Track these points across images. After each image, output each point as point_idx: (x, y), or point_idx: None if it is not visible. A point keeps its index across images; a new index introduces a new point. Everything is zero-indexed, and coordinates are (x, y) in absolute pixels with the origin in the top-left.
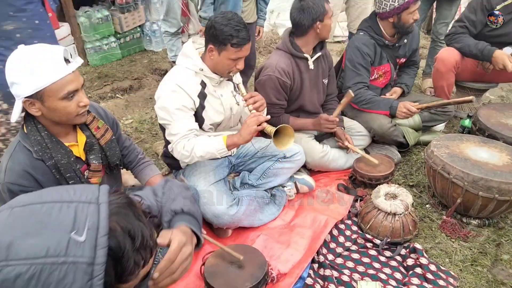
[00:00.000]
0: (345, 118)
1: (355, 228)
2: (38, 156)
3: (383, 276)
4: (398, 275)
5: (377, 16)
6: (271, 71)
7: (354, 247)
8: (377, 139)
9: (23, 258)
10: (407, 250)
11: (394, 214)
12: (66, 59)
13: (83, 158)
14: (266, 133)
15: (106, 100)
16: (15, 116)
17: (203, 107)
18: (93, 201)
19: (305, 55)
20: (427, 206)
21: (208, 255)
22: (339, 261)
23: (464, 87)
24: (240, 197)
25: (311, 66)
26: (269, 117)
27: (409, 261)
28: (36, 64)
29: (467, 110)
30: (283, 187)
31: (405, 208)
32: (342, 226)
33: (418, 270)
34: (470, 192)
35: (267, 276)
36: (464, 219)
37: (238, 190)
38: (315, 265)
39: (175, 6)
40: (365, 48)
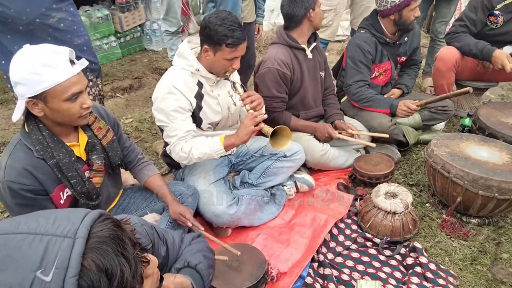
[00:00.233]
0: (345, 117)
1: (355, 227)
2: (39, 155)
3: (382, 275)
4: (398, 274)
5: (378, 14)
6: (270, 63)
7: (354, 246)
8: (377, 138)
9: None
10: (407, 249)
11: (394, 213)
12: (71, 61)
13: (84, 158)
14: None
15: (106, 99)
16: (17, 115)
17: (200, 107)
18: (69, 235)
19: (302, 45)
20: (427, 205)
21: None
22: (339, 260)
23: (464, 86)
24: (240, 196)
25: (310, 55)
26: (266, 116)
27: (409, 260)
28: (41, 65)
29: (467, 109)
30: (283, 186)
31: (405, 207)
32: (342, 225)
33: (418, 269)
34: (470, 191)
35: (266, 275)
36: (464, 218)
37: (238, 189)
38: (315, 264)
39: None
40: (366, 45)
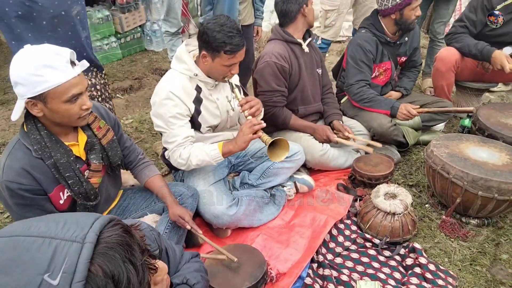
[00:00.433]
0: (344, 117)
1: (354, 227)
2: (37, 155)
3: (382, 275)
4: (397, 275)
5: (378, 13)
6: (268, 57)
7: (353, 247)
8: (377, 139)
9: None
10: (406, 249)
11: (393, 213)
12: (72, 62)
13: (83, 158)
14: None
15: None
16: (16, 114)
17: (199, 112)
18: (77, 240)
19: (298, 40)
20: (427, 205)
21: (207, 254)
22: (339, 260)
23: (464, 86)
24: (239, 197)
25: (306, 49)
26: (264, 125)
27: (408, 261)
28: (42, 65)
29: None
30: (282, 186)
31: (404, 207)
32: (341, 225)
33: (417, 269)
34: (469, 191)
35: (266, 275)
36: (463, 219)
37: (237, 190)
38: (315, 265)
39: (175, 6)
40: (367, 45)
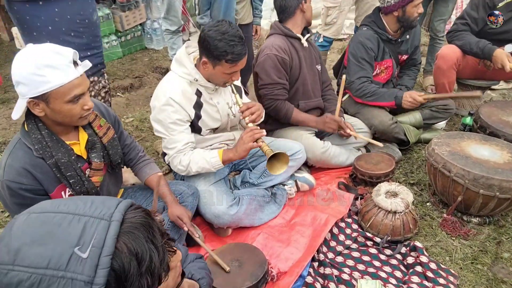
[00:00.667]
0: (346, 115)
1: (355, 226)
2: (38, 154)
3: (383, 274)
4: (398, 274)
5: (380, 11)
6: (268, 50)
7: (354, 246)
8: (378, 136)
9: (26, 265)
10: (408, 248)
11: (394, 212)
12: (74, 62)
13: (85, 156)
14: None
15: None
16: (17, 113)
17: (199, 117)
18: (105, 218)
19: (298, 35)
20: (428, 204)
21: (207, 254)
22: (339, 259)
23: (465, 84)
24: (240, 196)
25: (305, 44)
26: (265, 133)
27: (410, 260)
28: (44, 65)
29: (469, 107)
30: (283, 185)
31: (405, 206)
32: (342, 224)
33: (418, 268)
34: (471, 190)
35: (267, 274)
36: (464, 217)
37: (238, 188)
38: (315, 264)
39: (175, 4)
40: (368, 42)
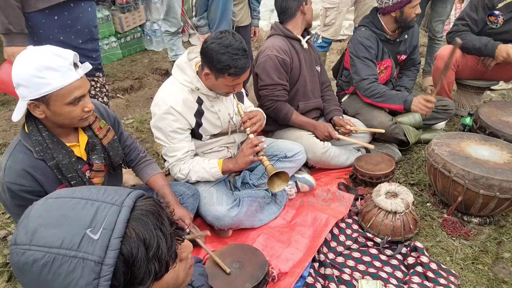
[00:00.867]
0: (345, 116)
1: (355, 226)
2: (39, 156)
3: (384, 274)
4: (399, 274)
5: (378, 12)
6: (269, 51)
7: (355, 246)
8: (377, 137)
9: (41, 245)
10: (408, 248)
11: (395, 212)
12: (75, 64)
13: (85, 158)
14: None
15: None
16: (18, 115)
17: (200, 124)
18: (116, 203)
19: (298, 36)
20: (428, 204)
21: (208, 255)
22: (340, 260)
23: (464, 85)
24: (240, 198)
25: (305, 45)
26: (265, 146)
27: (410, 260)
28: (45, 68)
29: (468, 108)
30: None
31: (405, 206)
32: (342, 225)
33: (419, 268)
34: (471, 190)
35: (267, 276)
36: (465, 218)
37: (239, 189)
38: (316, 264)
39: (175, 5)
40: (368, 42)
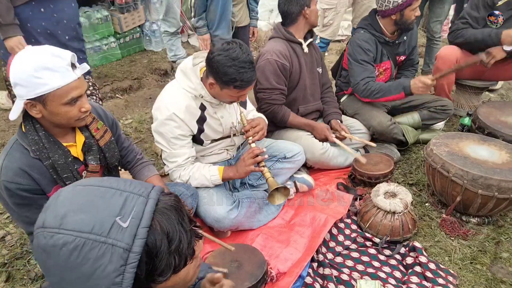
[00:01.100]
0: (344, 116)
1: (354, 227)
2: (35, 155)
3: (382, 274)
4: (397, 274)
5: (377, 14)
6: (269, 55)
7: (353, 246)
8: (376, 137)
9: (71, 229)
10: (407, 248)
11: (393, 212)
12: (72, 64)
13: (81, 158)
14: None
15: (105, 100)
16: (15, 114)
17: (201, 131)
18: (143, 195)
19: (299, 39)
20: (427, 204)
21: (207, 254)
22: (339, 260)
23: (464, 85)
24: (240, 199)
25: (306, 50)
26: (267, 156)
27: (409, 260)
28: (42, 68)
29: (467, 108)
30: None
31: (404, 206)
32: (341, 225)
33: (417, 268)
34: (469, 190)
35: (266, 275)
36: (463, 217)
37: (238, 190)
38: (315, 264)
39: (174, 6)
40: (366, 45)
